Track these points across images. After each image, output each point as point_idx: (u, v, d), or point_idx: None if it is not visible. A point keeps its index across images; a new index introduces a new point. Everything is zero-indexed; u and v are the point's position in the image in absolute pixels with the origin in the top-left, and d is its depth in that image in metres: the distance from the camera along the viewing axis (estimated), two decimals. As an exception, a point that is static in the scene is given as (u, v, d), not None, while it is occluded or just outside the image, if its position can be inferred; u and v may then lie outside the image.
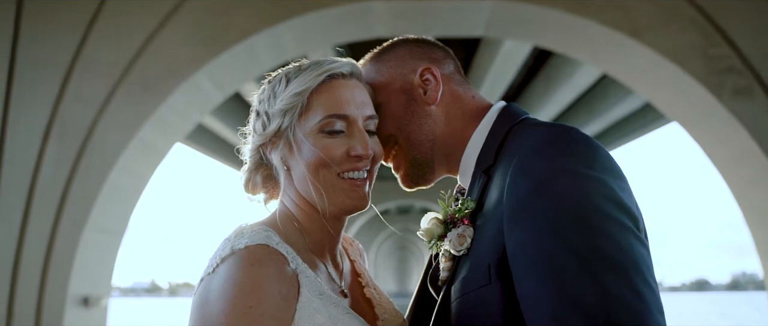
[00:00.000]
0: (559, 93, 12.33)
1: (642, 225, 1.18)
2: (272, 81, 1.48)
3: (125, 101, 5.48)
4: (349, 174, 1.40)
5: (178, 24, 5.58)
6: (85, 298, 5.52)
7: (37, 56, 5.55)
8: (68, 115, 5.46)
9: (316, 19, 5.69)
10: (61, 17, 5.61)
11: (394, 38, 1.63)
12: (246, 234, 1.30)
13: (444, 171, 1.56)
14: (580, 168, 1.17)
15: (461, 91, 1.55)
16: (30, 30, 5.59)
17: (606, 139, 17.12)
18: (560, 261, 1.08)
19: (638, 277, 1.06)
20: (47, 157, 5.39)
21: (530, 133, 1.31)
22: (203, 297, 1.23)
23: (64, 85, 5.49)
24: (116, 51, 5.54)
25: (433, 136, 1.50)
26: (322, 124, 1.39)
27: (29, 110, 5.47)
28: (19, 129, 5.44)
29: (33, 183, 5.36)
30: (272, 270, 1.24)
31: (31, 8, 5.61)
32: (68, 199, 5.34)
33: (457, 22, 6.14)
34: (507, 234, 1.18)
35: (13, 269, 5.26)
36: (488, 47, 10.24)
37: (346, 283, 1.51)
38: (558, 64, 11.29)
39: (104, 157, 5.43)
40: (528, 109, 13.48)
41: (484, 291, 1.20)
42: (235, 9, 5.64)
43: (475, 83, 11.63)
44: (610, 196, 1.14)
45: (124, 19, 5.60)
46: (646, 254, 1.12)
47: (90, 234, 5.44)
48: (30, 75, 5.53)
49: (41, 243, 5.29)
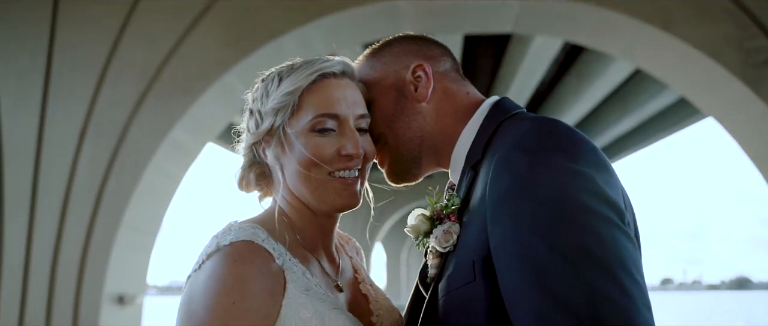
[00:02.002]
0: (592, 89, 12.17)
1: (629, 219, 1.14)
2: (265, 79, 1.48)
3: (157, 102, 5.56)
4: (341, 173, 1.40)
5: (207, 26, 5.65)
6: (120, 296, 5.63)
7: (72, 60, 5.67)
8: (102, 116, 5.57)
9: (344, 18, 5.71)
10: (95, 22, 5.72)
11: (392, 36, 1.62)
12: (232, 231, 1.31)
13: (433, 167, 1.54)
14: (562, 162, 1.14)
15: (454, 88, 1.52)
16: (65, 35, 5.71)
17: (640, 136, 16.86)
18: (542, 259, 1.05)
19: (623, 273, 1.03)
20: (83, 158, 5.50)
21: (515, 127, 1.29)
22: (189, 294, 1.24)
23: (99, 88, 5.59)
24: (148, 53, 5.62)
25: (421, 134, 1.48)
26: (313, 122, 1.39)
27: (65, 112, 5.59)
28: (55, 131, 5.57)
29: (69, 184, 5.47)
30: (256, 266, 1.24)
31: (65, 13, 5.73)
32: (103, 199, 5.45)
33: (486, 19, 6.11)
34: (490, 230, 1.16)
35: (51, 268, 5.39)
36: (518, 44, 10.15)
37: (345, 278, 1.52)
38: (590, 59, 11.15)
39: (137, 158, 5.52)
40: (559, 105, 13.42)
41: (469, 288, 1.18)
42: (263, 10, 5.69)
43: (505, 80, 11.55)
44: (594, 190, 1.11)
45: (155, 22, 5.69)
46: (632, 248, 1.09)
47: (124, 233, 5.53)
48: (66, 78, 5.65)
49: (78, 243, 5.40)
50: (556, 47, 9.90)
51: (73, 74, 5.64)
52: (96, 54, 5.63)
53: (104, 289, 5.40)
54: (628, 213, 1.18)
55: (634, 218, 1.22)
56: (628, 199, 1.23)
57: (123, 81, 5.61)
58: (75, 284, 5.38)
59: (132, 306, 5.83)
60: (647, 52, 5.93)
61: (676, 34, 5.33)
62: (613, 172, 1.19)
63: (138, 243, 5.86)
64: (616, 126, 15.36)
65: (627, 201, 1.20)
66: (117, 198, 5.48)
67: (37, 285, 5.38)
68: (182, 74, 5.62)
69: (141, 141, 5.55)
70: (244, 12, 5.69)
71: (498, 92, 12.45)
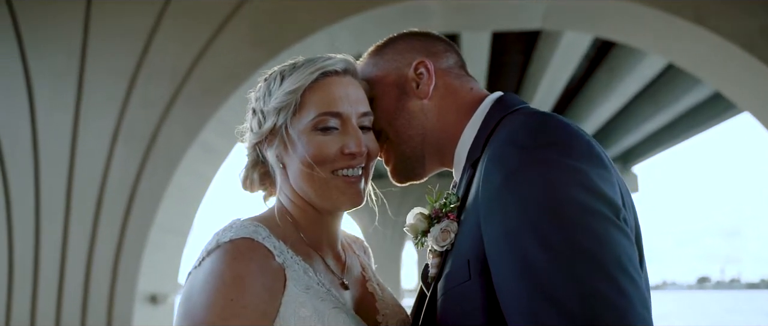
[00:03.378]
0: (623, 84, 11.99)
1: (624, 214, 1.10)
2: (268, 79, 1.48)
3: (187, 104, 5.63)
4: (344, 171, 1.39)
5: (236, 28, 5.70)
6: (152, 296, 5.71)
7: (105, 63, 5.76)
8: (134, 118, 5.65)
9: (372, 17, 5.71)
10: (126, 25, 5.80)
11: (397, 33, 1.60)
12: (233, 228, 1.31)
13: (437, 166, 1.52)
14: (554, 157, 1.10)
15: (457, 84, 1.49)
16: (98, 38, 5.80)
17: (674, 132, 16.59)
18: (534, 257, 1.02)
19: (618, 271, 1.00)
20: (115, 160, 5.59)
21: (510, 123, 1.26)
22: (189, 290, 1.25)
23: (130, 90, 5.68)
24: (178, 56, 5.69)
25: (422, 131, 1.46)
26: (315, 121, 1.38)
27: (98, 114, 5.69)
28: (88, 133, 5.67)
29: (102, 186, 5.57)
30: (255, 264, 1.24)
31: (98, 17, 5.82)
32: (135, 200, 5.53)
33: (514, 16, 6.06)
34: (483, 228, 1.14)
35: (86, 268, 5.49)
36: (548, 40, 10.05)
37: (352, 276, 1.51)
38: (621, 54, 10.98)
39: (168, 159, 5.59)
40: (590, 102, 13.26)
41: (466, 287, 1.16)
42: (291, 10, 5.72)
43: (535, 77, 11.44)
44: (588, 185, 1.07)
45: (185, 25, 5.76)
46: (628, 245, 1.05)
47: (157, 234, 5.61)
48: (99, 81, 5.74)
49: (111, 243, 5.49)
50: (587, 43, 9.78)
51: (106, 77, 5.74)
52: (128, 57, 5.72)
53: (137, 289, 5.49)
54: (628, 209, 1.14)
55: (634, 215, 1.19)
56: (628, 195, 1.20)
57: (154, 83, 5.69)
58: (109, 284, 5.47)
59: (164, 306, 5.91)
60: (679, 46, 5.82)
61: (709, 26, 5.22)
62: (609, 167, 1.15)
63: (170, 244, 5.94)
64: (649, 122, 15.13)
65: (625, 197, 1.16)
66: (149, 200, 5.56)
67: (72, 284, 5.49)
68: (212, 76, 5.67)
69: (172, 142, 5.62)
70: (271, 13, 5.72)
71: (528, 89, 12.35)
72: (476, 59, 9.74)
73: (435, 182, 1.45)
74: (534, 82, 11.64)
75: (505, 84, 13.08)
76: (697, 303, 59.96)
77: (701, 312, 39.08)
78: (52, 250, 5.55)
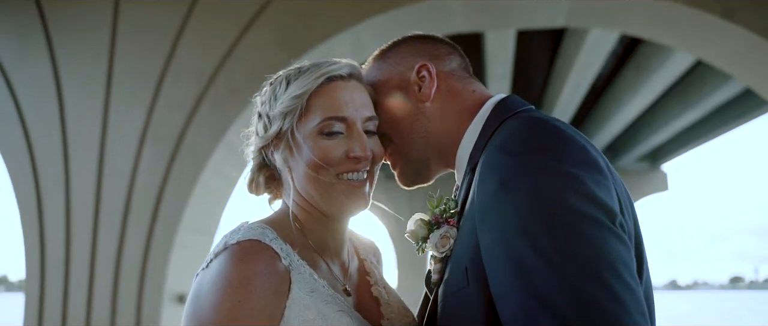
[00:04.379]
0: (651, 82, 11.83)
1: (621, 220, 1.08)
2: (273, 83, 1.50)
3: (213, 105, 5.69)
4: (348, 175, 1.40)
5: (260, 29, 5.74)
6: (180, 296, 5.78)
7: (131, 66, 5.85)
8: (161, 120, 5.73)
9: (395, 17, 5.71)
10: (152, 28, 5.88)
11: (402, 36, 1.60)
12: (241, 230, 1.32)
13: (442, 169, 1.51)
14: (548, 163, 1.09)
15: (460, 87, 1.48)
16: (125, 42, 5.89)
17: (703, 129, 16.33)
18: (528, 264, 1.02)
19: (613, 277, 0.98)
20: (143, 162, 5.67)
21: (505, 127, 1.25)
22: (196, 292, 1.26)
23: (157, 93, 5.76)
24: (203, 58, 5.76)
25: (425, 134, 1.45)
26: (320, 126, 1.39)
27: (125, 117, 5.77)
28: (117, 135, 5.76)
29: (130, 187, 5.65)
30: (262, 265, 1.25)
31: (125, 21, 5.91)
32: (163, 201, 5.61)
33: (537, 14, 6.01)
34: (479, 235, 1.13)
35: (115, 268, 5.58)
36: (573, 37, 9.96)
37: (353, 282, 1.51)
38: (648, 51, 10.84)
39: (195, 160, 5.66)
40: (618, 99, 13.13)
41: (463, 293, 1.16)
42: (315, 11, 5.74)
43: (561, 75, 11.35)
44: (581, 191, 1.06)
45: (210, 28, 5.82)
46: (623, 251, 1.03)
47: (184, 234, 5.68)
48: (126, 83, 5.83)
49: (139, 243, 5.58)
50: (613, 40, 9.67)
51: (133, 79, 5.82)
52: (154, 59, 5.80)
53: (165, 289, 5.56)
54: (626, 214, 1.13)
55: (633, 219, 1.17)
56: (626, 199, 1.18)
57: (180, 85, 5.76)
58: (137, 284, 5.55)
59: (192, 305, 5.97)
60: (708, 42, 5.72)
61: (738, 21, 5.13)
62: (604, 172, 1.13)
63: (197, 244, 6.00)
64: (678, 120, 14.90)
65: (623, 202, 1.14)
66: (176, 200, 5.63)
67: (101, 284, 5.58)
68: (237, 77, 5.73)
69: (198, 143, 5.68)
70: (296, 14, 5.76)
71: (554, 87, 12.25)
72: (501, 58, 9.69)
73: (436, 187, 1.44)
74: (560, 80, 11.54)
75: (530, 83, 13.00)
76: (730, 303, 58.88)
77: (734, 313, 38.35)
78: (82, 250, 5.65)
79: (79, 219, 5.69)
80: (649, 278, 1.19)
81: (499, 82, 10.67)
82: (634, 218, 1.17)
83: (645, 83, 11.91)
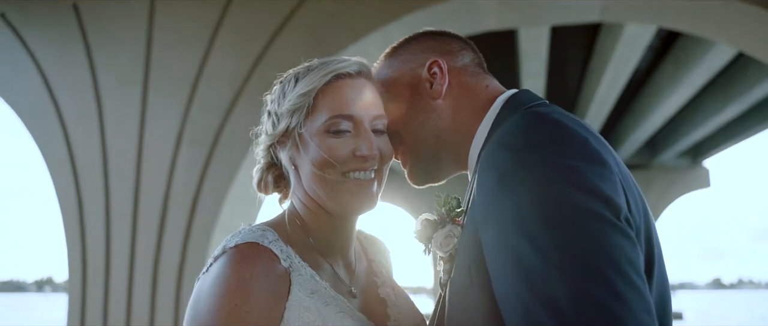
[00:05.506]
0: (691, 76, 11.59)
1: (626, 214, 1.04)
2: (283, 81, 1.48)
3: (247, 106, 5.75)
4: (355, 174, 1.38)
5: (293, 30, 5.79)
6: (217, 295, 5.85)
7: (167, 69, 5.96)
8: (197, 122, 5.82)
9: (426, 16, 5.70)
10: (187, 32, 5.98)
11: None
12: (241, 233, 1.32)
13: (454, 168, 1.47)
14: (548, 157, 1.06)
15: (472, 83, 1.44)
16: (160, 46, 6.00)
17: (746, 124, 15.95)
18: (528, 261, 0.99)
19: (616, 275, 0.94)
20: (179, 163, 5.77)
21: (507, 123, 1.21)
22: (196, 296, 1.26)
23: (192, 95, 5.85)
24: (237, 60, 5.83)
25: (437, 132, 1.42)
26: (327, 124, 1.37)
27: (162, 119, 5.88)
28: (154, 137, 5.87)
29: (168, 188, 5.75)
30: (260, 268, 1.25)
31: (160, 25, 6.02)
32: (199, 202, 5.69)
33: (571, 9, 5.93)
34: (480, 233, 1.10)
35: (153, 267, 5.68)
36: (609, 32, 9.81)
37: (360, 283, 1.49)
38: (688, 44, 10.62)
39: (230, 161, 5.73)
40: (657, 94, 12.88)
41: (468, 294, 1.13)
42: (346, 12, 5.77)
43: (597, 71, 11.19)
44: (583, 184, 1.02)
45: (242, 31, 5.89)
46: (628, 247, 0.99)
47: (220, 234, 5.75)
48: (162, 87, 5.94)
49: (177, 244, 5.67)
50: (650, 34, 9.49)
51: (169, 82, 5.93)
52: (189, 63, 5.89)
53: (202, 288, 5.64)
54: (634, 208, 1.09)
55: (643, 213, 1.13)
56: (635, 193, 1.13)
57: (215, 87, 5.84)
58: (175, 283, 5.65)
59: (229, 304, 6.05)
60: (749, 34, 5.58)
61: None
62: (608, 164, 1.08)
63: (233, 244, 6.08)
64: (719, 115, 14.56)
65: (630, 196, 1.10)
66: (212, 201, 5.71)
67: (141, 283, 5.70)
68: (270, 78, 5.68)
69: (233, 144, 5.76)
70: (327, 15, 5.79)
71: (590, 83, 12.08)
72: (534, 56, 9.59)
73: (448, 186, 1.42)
74: (596, 76, 11.38)
75: (565, 80, 12.84)
76: (777, 302, 57.35)
77: (780, 311, 37.32)
78: (121, 251, 5.77)
79: (119, 220, 5.81)
80: (663, 276, 1.15)
81: (533, 80, 10.57)
82: (644, 213, 1.13)
83: (684, 77, 11.68)
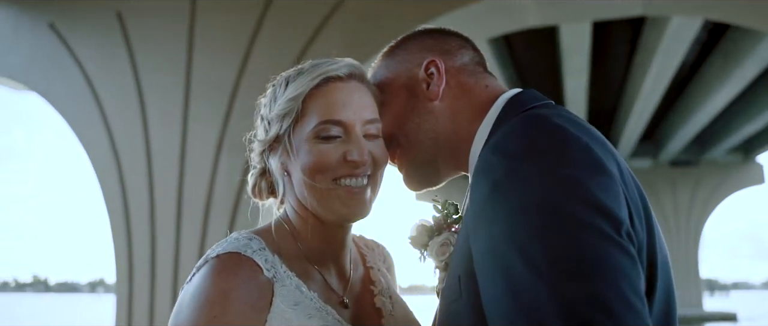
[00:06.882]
0: (741, 69, 11.26)
1: (628, 228, 0.96)
2: (275, 84, 1.42)
3: (286, 112, 5.79)
4: (346, 180, 1.31)
5: (328, 34, 5.80)
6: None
7: (207, 76, 6.03)
8: (237, 129, 5.87)
9: (465, 14, 5.64)
10: (226, 41, 6.05)
11: None
12: (225, 242, 1.28)
13: (452, 171, 1.39)
14: (544, 165, 0.98)
15: (471, 83, 1.35)
16: (200, 54, 6.09)
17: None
18: (517, 275, 0.92)
19: (612, 292, 0.87)
20: (220, 169, 5.84)
21: (506, 126, 1.13)
22: (179, 305, 1.24)
23: (232, 102, 5.91)
24: (274, 67, 5.78)
25: (434, 135, 1.34)
26: (316, 129, 1.30)
27: (203, 126, 5.96)
28: (195, 144, 5.95)
29: (209, 194, 5.82)
30: (240, 279, 1.21)
31: (200, 34, 6.10)
32: (240, 207, 5.75)
33: (613, 4, 5.80)
34: (471, 242, 1.04)
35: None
36: (654, 26, 9.59)
37: (354, 292, 1.43)
38: (737, 37, 10.32)
39: (270, 166, 5.78)
40: (705, 88, 12.54)
41: (458, 305, 1.08)
42: (383, 12, 5.75)
43: (643, 66, 10.95)
44: (581, 196, 0.94)
45: (279, 36, 5.92)
46: (627, 265, 0.91)
47: (261, 238, 5.81)
48: (203, 94, 6.02)
49: (219, 249, 5.75)
50: (697, 26, 9.24)
51: (209, 90, 6.00)
52: (228, 70, 5.96)
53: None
54: (637, 220, 1.01)
55: (648, 226, 1.05)
56: (639, 203, 1.05)
57: (254, 94, 5.83)
58: (218, 287, 5.72)
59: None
60: (801, 25, 5.37)
61: (834, 2, 4.79)
62: (611, 174, 1.00)
63: (274, 248, 6.14)
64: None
65: (633, 208, 1.01)
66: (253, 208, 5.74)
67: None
68: (308, 83, 5.81)
69: (272, 150, 5.80)
70: (362, 17, 5.78)
71: (635, 78, 11.83)
72: (577, 51, 9.44)
73: (443, 188, 1.37)
74: (642, 71, 11.14)
75: (609, 75, 12.60)
76: (837, 300, 55.33)
77: (841, 310, 35.97)
78: (166, 254, 5.87)
79: (163, 224, 5.91)
80: (668, 293, 1.07)
81: (576, 76, 10.41)
82: (648, 225, 1.05)
83: (734, 70, 11.35)
